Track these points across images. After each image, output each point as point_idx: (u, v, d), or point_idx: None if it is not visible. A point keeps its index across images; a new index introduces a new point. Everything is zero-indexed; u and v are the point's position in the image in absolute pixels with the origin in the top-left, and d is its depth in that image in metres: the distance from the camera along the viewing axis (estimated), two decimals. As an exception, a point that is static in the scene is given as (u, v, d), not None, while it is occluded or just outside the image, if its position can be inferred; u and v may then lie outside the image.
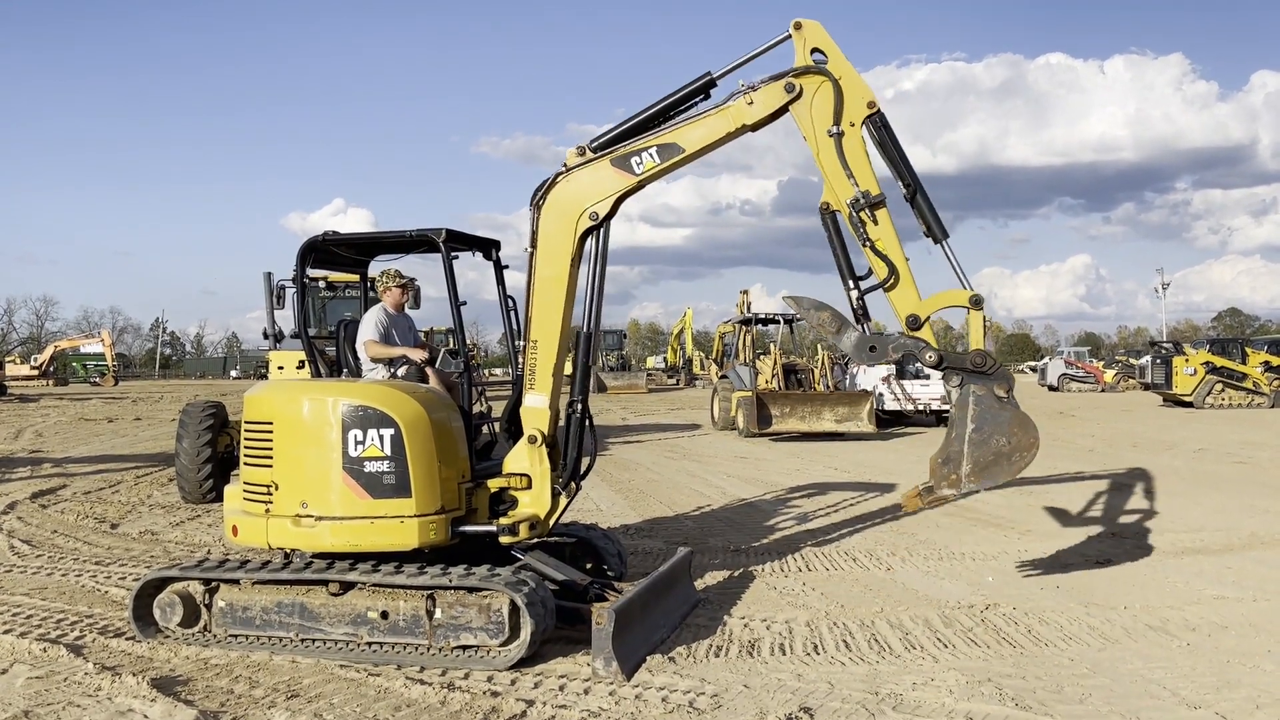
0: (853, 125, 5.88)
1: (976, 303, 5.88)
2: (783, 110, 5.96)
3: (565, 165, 6.01)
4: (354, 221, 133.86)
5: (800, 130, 5.96)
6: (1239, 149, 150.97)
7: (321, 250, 6.61)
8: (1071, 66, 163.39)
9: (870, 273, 5.97)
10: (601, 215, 5.94)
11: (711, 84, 6.08)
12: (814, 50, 5.97)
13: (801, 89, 5.89)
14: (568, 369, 6.07)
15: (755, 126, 6.01)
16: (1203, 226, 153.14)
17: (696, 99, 6.12)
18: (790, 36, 6.00)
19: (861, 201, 5.82)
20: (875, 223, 5.85)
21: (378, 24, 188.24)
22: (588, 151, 5.99)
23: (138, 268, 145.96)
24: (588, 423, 6.11)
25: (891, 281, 5.87)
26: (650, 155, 5.92)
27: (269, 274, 11.56)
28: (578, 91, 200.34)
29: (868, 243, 5.87)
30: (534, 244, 5.99)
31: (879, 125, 5.97)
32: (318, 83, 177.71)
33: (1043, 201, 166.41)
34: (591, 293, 6.08)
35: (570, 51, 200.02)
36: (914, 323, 5.88)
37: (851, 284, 6.00)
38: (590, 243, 6.02)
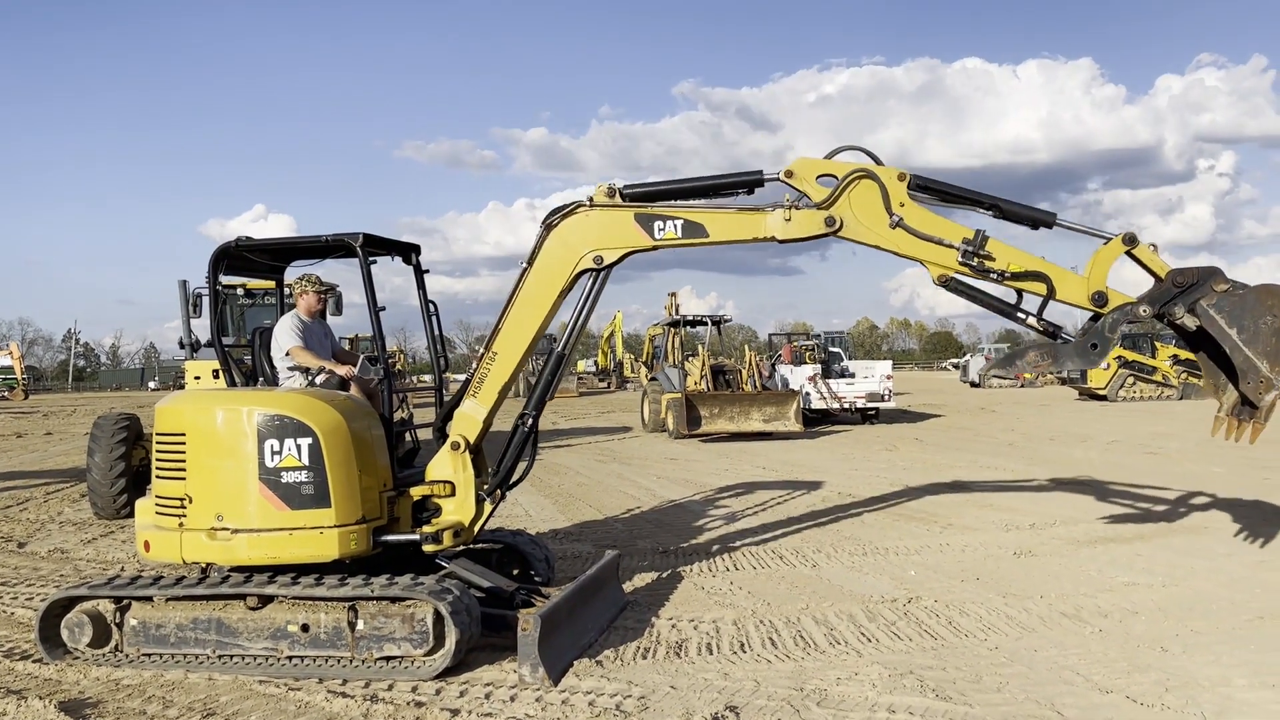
0: (903, 205, 5.68)
1: (1131, 240, 5.70)
2: (820, 236, 5.79)
3: (590, 199, 5.89)
4: (276, 228, 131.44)
5: (863, 244, 5.77)
6: (1145, 150, 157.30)
7: (235, 257, 6.43)
8: (987, 71, 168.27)
9: (1021, 298, 5.82)
10: (606, 262, 5.86)
11: (759, 183, 5.96)
12: (820, 176, 5.77)
13: (841, 220, 5.72)
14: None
15: (784, 241, 5.82)
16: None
17: (740, 190, 6.02)
18: (783, 180, 5.82)
19: (969, 250, 5.60)
20: (993, 257, 5.62)
21: (299, 28, 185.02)
22: (618, 195, 5.88)
23: (49, 276, 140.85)
24: (533, 437, 6.09)
25: (1051, 289, 5.68)
26: (674, 226, 5.80)
27: (184, 282, 11.33)
28: (502, 96, 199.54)
29: (1002, 276, 5.67)
30: (531, 261, 5.89)
31: (922, 185, 5.80)
32: (237, 87, 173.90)
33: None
34: (575, 320, 6.05)
35: (495, 56, 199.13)
36: (1100, 300, 5.70)
37: (1022, 315, 5.82)
38: (587, 281, 5.94)
